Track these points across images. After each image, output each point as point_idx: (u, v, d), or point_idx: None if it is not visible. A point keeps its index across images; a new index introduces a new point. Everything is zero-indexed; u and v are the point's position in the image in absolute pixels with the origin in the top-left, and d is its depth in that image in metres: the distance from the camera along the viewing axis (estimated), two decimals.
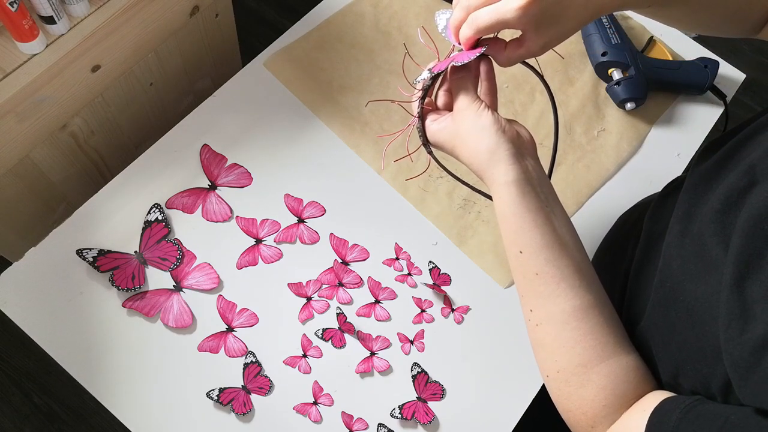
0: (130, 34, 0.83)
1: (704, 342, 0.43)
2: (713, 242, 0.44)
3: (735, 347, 0.38)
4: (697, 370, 0.44)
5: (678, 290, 0.47)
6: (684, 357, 0.46)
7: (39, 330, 0.68)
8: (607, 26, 0.89)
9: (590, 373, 0.48)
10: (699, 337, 0.44)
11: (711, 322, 0.42)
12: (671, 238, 0.51)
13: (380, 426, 0.69)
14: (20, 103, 0.74)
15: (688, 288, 0.46)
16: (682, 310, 0.46)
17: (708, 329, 0.43)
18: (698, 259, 0.46)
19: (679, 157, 0.88)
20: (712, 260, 0.43)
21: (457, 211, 0.80)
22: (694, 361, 0.44)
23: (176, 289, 0.72)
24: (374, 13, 0.91)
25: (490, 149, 0.51)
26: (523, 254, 0.51)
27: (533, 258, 0.50)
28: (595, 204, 0.83)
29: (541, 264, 0.50)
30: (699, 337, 0.44)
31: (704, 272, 0.44)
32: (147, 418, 0.67)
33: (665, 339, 0.49)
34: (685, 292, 0.46)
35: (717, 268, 0.43)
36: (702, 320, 0.43)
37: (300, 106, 0.84)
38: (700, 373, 0.44)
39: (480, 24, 0.48)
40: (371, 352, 0.72)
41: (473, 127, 0.51)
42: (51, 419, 1.31)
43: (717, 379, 0.42)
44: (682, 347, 0.46)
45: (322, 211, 0.78)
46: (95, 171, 0.97)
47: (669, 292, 0.49)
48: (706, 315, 0.43)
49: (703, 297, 0.44)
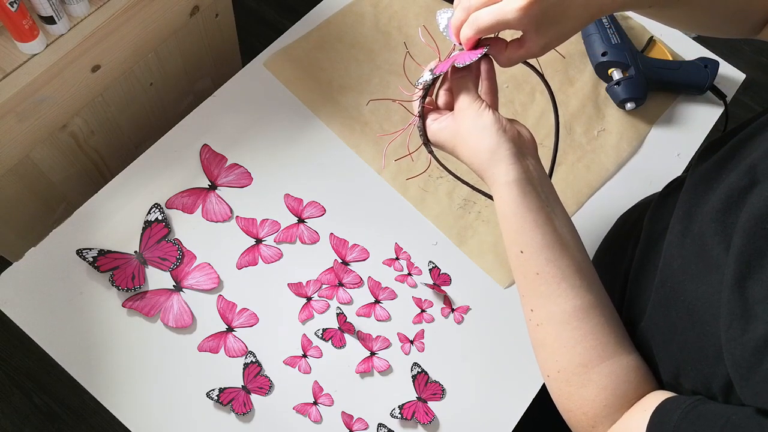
0: (130, 34, 0.83)
1: (705, 342, 0.43)
2: (714, 242, 0.44)
3: (736, 347, 0.38)
4: (698, 369, 0.44)
5: (679, 290, 0.47)
6: (685, 357, 0.46)
7: (39, 330, 0.68)
8: (607, 26, 0.89)
9: (591, 373, 0.48)
10: (700, 337, 0.44)
11: (712, 322, 0.42)
12: (672, 238, 0.51)
13: (380, 426, 0.69)
14: (20, 103, 0.74)
15: (689, 288, 0.46)
16: (683, 310, 0.46)
17: (709, 329, 0.43)
18: (699, 259, 0.46)
19: (679, 157, 0.88)
20: (713, 260, 0.43)
21: (457, 211, 0.80)
22: (695, 361, 0.44)
23: (176, 289, 0.72)
24: (374, 13, 0.91)
25: (490, 149, 0.51)
26: (524, 254, 0.51)
27: (534, 258, 0.50)
28: (595, 204, 0.83)
29: (542, 264, 0.50)
30: (700, 337, 0.44)
31: (705, 272, 0.44)
32: (147, 418, 0.67)
33: (666, 339, 0.48)
34: (686, 292, 0.46)
35: (718, 268, 0.43)
36: (703, 320, 0.43)
37: (300, 106, 0.84)
38: (701, 372, 0.44)
39: (481, 24, 0.48)
40: (371, 352, 0.72)
41: (474, 127, 0.51)
42: (51, 419, 1.31)
43: (718, 379, 0.42)
44: (683, 347, 0.46)
45: (322, 211, 0.78)
46: (95, 171, 0.97)
47: (670, 292, 0.49)
48: (707, 315, 0.43)
49: (704, 297, 0.44)
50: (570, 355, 0.49)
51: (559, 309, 0.50)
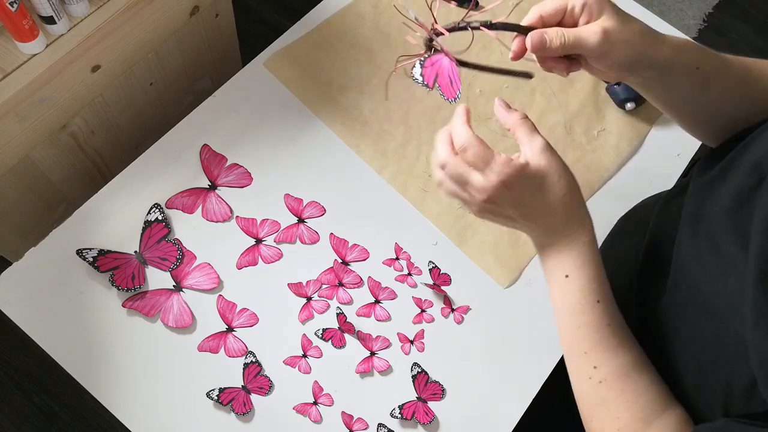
0: (130, 34, 0.83)
1: (725, 341, 0.43)
2: (728, 241, 0.44)
3: (764, 345, 0.38)
4: (720, 370, 0.44)
5: (695, 291, 0.47)
6: (706, 358, 0.45)
7: (39, 330, 0.68)
8: None
9: (650, 428, 0.47)
10: (720, 336, 0.44)
11: (732, 321, 0.42)
12: (682, 240, 0.51)
13: (380, 426, 0.69)
14: (20, 103, 0.74)
15: (706, 288, 0.46)
16: (701, 310, 0.46)
17: (729, 328, 0.43)
18: (713, 259, 0.45)
19: (679, 157, 0.88)
20: (729, 259, 0.43)
21: (457, 211, 0.80)
22: (716, 361, 0.44)
23: (176, 289, 0.72)
24: (374, 13, 0.91)
25: (580, 201, 0.49)
26: (600, 303, 0.49)
27: (608, 307, 0.49)
28: (595, 204, 0.83)
29: (612, 313, 0.49)
30: (720, 337, 0.44)
31: (721, 271, 0.44)
32: (147, 418, 0.67)
33: (685, 341, 0.48)
34: (703, 293, 0.46)
35: (735, 267, 0.42)
36: (723, 319, 0.43)
37: (300, 106, 0.84)
38: (723, 373, 0.43)
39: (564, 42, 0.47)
40: (371, 352, 0.72)
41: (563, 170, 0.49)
42: (51, 419, 1.31)
43: (740, 379, 0.42)
44: (703, 348, 0.46)
45: (322, 211, 0.78)
46: (95, 171, 0.97)
47: (685, 293, 0.48)
48: (728, 314, 0.43)
49: (722, 296, 0.44)
50: (632, 410, 0.48)
51: (623, 361, 0.48)
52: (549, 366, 0.73)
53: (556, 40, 0.47)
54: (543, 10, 0.48)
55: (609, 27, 0.46)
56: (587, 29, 0.46)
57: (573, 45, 0.47)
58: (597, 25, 0.46)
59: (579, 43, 0.46)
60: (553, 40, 0.47)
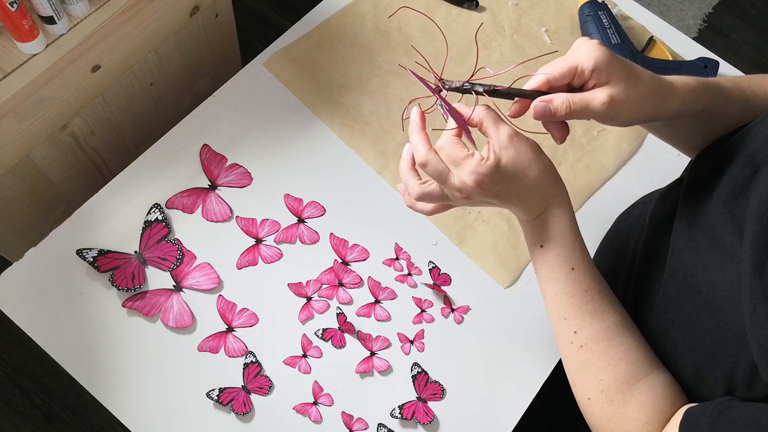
0: (130, 34, 0.83)
1: (726, 330, 0.43)
2: (726, 231, 0.44)
3: (762, 331, 0.38)
4: (721, 358, 0.44)
5: (693, 282, 0.47)
6: (706, 348, 0.46)
7: (39, 330, 0.68)
8: (607, 26, 0.89)
9: (633, 390, 0.48)
10: (720, 325, 0.44)
11: (732, 309, 0.43)
12: (678, 232, 0.51)
13: (380, 426, 0.69)
14: (20, 103, 0.74)
15: (704, 278, 0.46)
16: (701, 300, 0.46)
17: (729, 316, 0.43)
18: (711, 249, 0.46)
19: (679, 157, 0.88)
20: (727, 248, 0.44)
21: (457, 211, 0.80)
22: (718, 349, 0.45)
23: (176, 289, 0.72)
24: (374, 13, 0.92)
25: (555, 174, 0.51)
26: (575, 270, 0.51)
27: (584, 273, 0.51)
28: (595, 204, 0.83)
29: (590, 279, 0.50)
30: (720, 326, 0.44)
31: (720, 261, 0.45)
32: (147, 418, 0.67)
33: (684, 332, 0.49)
34: (701, 283, 0.46)
35: (733, 256, 0.43)
36: (723, 308, 0.44)
37: (300, 106, 0.84)
38: (724, 361, 0.44)
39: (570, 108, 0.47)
40: (371, 352, 0.72)
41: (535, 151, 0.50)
42: (51, 419, 1.31)
43: (741, 367, 0.42)
44: (703, 338, 0.46)
45: (322, 211, 0.78)
46: (95, 171, 0.97)
47: (682, 284, 0.49)
48: (727, 303, 0.43)
49: (721, 285, 0.44)
50: (615, 372, 0.49)
51: (604, 325, 0.50)
52: (549, 366, 0.73)
53: (561, 109, 0.47)
54: (551, 74, 0.48)
55: (616, 94, 0.46)
56: (594, 97, 0.46)
57: (579, 112, 0.47)
58: (604, 92, 0.46)
59: (586, 111, 0.47)
60: (559, 110, 0.47)
